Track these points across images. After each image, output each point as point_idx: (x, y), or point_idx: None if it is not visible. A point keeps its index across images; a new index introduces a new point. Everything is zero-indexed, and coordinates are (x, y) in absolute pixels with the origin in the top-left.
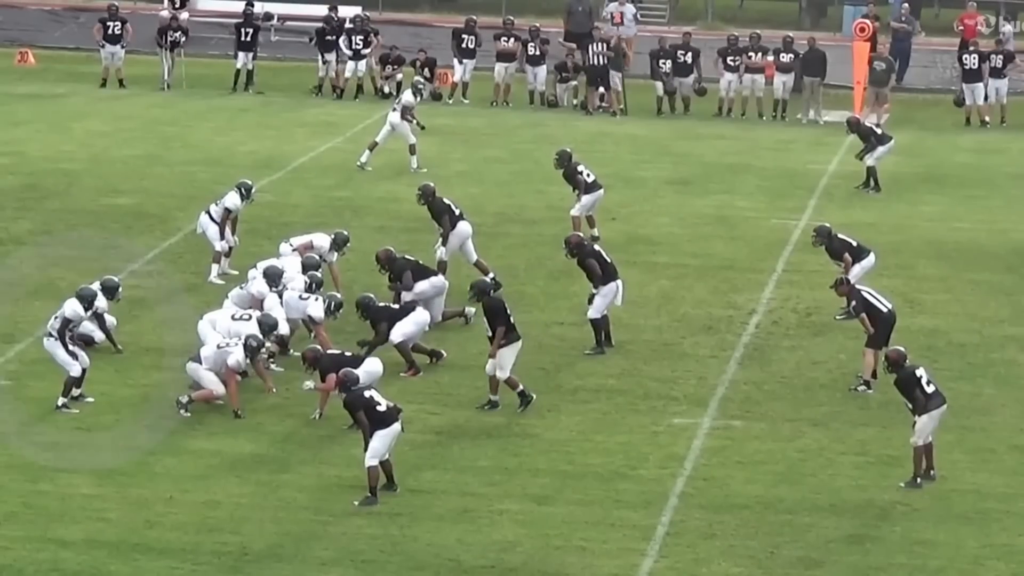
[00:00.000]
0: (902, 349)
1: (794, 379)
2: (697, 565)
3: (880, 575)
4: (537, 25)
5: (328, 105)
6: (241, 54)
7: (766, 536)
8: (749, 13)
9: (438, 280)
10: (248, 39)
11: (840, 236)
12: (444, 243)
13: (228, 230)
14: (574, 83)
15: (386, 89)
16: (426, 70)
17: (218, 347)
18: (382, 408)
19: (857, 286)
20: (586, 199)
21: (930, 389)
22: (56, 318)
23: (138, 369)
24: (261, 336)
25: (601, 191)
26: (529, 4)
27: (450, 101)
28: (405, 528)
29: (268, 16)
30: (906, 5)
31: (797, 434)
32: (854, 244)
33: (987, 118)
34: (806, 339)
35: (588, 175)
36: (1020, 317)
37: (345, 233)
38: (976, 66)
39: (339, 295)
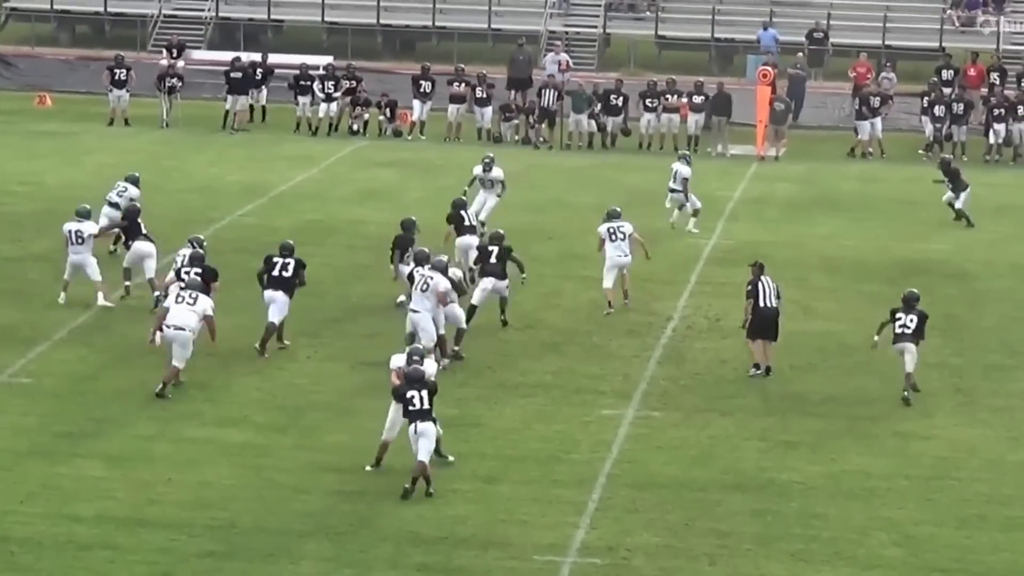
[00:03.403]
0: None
1: (705, 375)
2: (623, 535)
3: (780, 544)
4: (484, 72)
5: (305, 141)
6: (230, 97)
7: (682, 511)
8: (666, 61)
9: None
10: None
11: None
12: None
13: None
14: (516, 122)
15: (355, 127)
16: (388, 110)
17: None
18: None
19: (762, 279)
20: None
21: None
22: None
23: (142, 368)
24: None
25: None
26: (477, 53)
27: (409, 137)
28: (372, 505)
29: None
30: (801, 54)
31: (708, 423)
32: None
33: (871, 150)
34: (715, 341)
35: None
36: None
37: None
38: (867, 106)
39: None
